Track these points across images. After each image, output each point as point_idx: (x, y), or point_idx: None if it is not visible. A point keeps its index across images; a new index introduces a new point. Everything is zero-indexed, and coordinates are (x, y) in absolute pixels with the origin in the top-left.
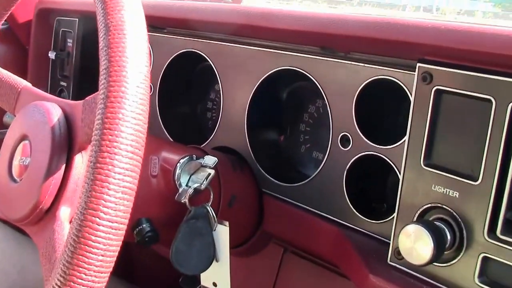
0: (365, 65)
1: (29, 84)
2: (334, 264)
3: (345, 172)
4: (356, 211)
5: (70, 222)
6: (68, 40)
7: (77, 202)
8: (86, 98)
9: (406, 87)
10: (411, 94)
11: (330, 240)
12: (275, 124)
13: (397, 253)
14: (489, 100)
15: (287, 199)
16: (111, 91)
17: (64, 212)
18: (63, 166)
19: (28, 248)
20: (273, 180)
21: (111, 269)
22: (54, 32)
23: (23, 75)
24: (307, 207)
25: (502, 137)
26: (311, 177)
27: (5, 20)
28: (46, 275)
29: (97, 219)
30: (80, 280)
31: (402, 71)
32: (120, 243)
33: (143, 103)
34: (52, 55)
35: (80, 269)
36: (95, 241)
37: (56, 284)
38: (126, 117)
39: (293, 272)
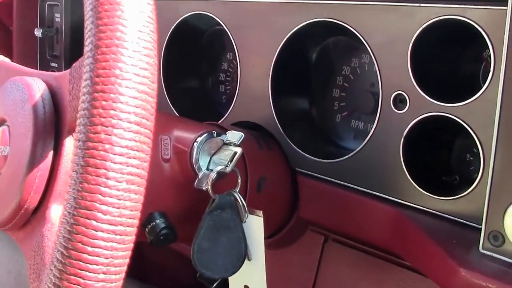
0: (422, 4)
1: (7, 60)
2: (391, 252)
3: (402, 139)
4: (419, 186)
5: None
6: (56, 14)
7: (65, 199)
8: (74, 64)
9: (482, 27)
10: (488, 36)
11: (386, 223)
12: (305, 91)
13: (494, 238)
14: None
15: (326, 177)
16: (101, 38)
17: (55, 212)
18: (51, 154)
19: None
20: (308, 156)
21: (123, 275)
22: (39, 7)
23: (9, 59)
24: (353, 186)
25: None
26: (357, 149)
27: None
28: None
29: (93, 221)
30: None
31: (476, 6)
32: (128, 253)
33: (149, 53)
34: (38, 33)
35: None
36: (93, 253)
37: None
38: (125, 74)
39: (337, 263)
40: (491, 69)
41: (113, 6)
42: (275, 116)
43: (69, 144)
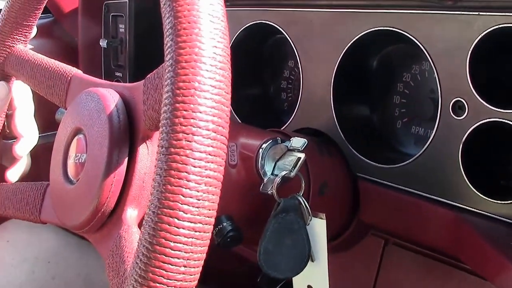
0: (481, 13)
1: (79, 72)
2: (450, 255)
3: (461, 145)
4: (477, 191)
5: (139, 225)
6: (120, 25)
7: (147, 201)
8: (148, 76)
9: None
10: None
11: (445, 227)
12: (366, 98)
13: None
14: None
15: (387, 182)
16: (181, 54)
17: (131, 215)
18: (126, 160)
19: (92, 255)
20: (369, 161)
21: (195, 283)
22: (103, 18)
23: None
24: (413, 190)
25: None
26: (417, 154)
27: (49, 12)
28: (114, 285)
29: (176, 219)
30: None
31: None
32: (206, 248)
33: (223, 67)
34: (103, 43)
35: (158, 285)
36: (175, 248)
37: None
38: (203, 86)
39: (397, 267)
40: None
41: (191, 24)
42: (336, 123)
43: (143, 151)
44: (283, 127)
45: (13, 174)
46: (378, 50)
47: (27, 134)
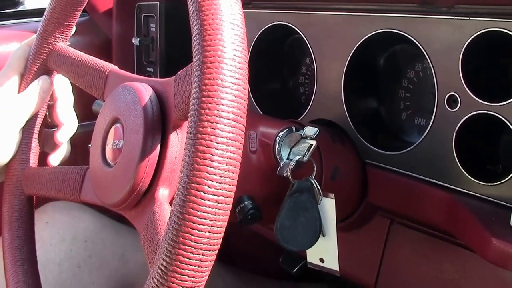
0: (471, 18)
1: (116, 67)
2: (447, 232)
3: (455, 134)
4: (468, 174)
5: (170, 203)
6: (151, 25)
7: (177, 182)
8: (178, 72)
9: None
10: None
11: (442, 207)
12: (374, 92)
13: None
14: None
15: (392, 167)
16: (206, 56)
17: (163, 193)
18: (158, 146)
19: (127, 236)
20: (376, 149)
21: (218, 247)
22: (136, 18)
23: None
24: (415, 175)
25: None
26: (417, 142)
27: (85, 11)
28: (150, 257)
29: (202, 193)
30: (187, 259)
31: None
32: (227, 217)
33: (242, 67)
34: (136, 41)
35: (187, 247)
36: (201, 216)
37: (161, 264)
38: (225, 83)
39: (401, 244)
40: None
41: (215, 31)
42: (347, 115)
43: (174, 138)
44: (300, 118)
45: (55, 159)
46: (385, 50)
47: (67, 123)
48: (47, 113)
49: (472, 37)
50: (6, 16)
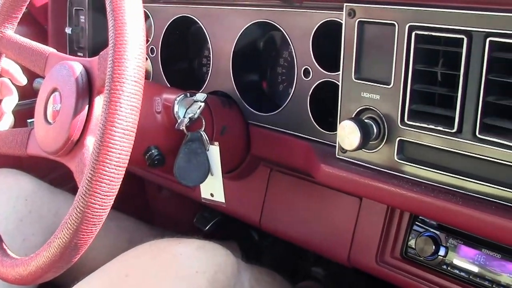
0: (317, 11)
1: (54, 50)
2: (309, 173)
3: (308, 97)
4: (318, 126)
5: None
6: (81, 17)
7: (98, 129)
8: (101, 53)
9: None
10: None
11: (301, 153)
12: (257, 68)
13: (341, 148)
14: (393, 24)
15: (267, 126)
16: (117, 40)
17: (90, 140)
18: (87, 107)
19: (60, 196)
20: (257, 112)
21: (126, 165)
22: (68, 11)
23: None
24: (283, 130)
25: (403, 51)
26: (283, 106)
27: None
28: (80, 180)
29: (114, 128)
30: (105, 172)
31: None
32: (131, 144)
33: (141, 46)
34: (68, 30)
35: (105, 163)
36: (114, 143)
37: (88, 177)
38: (129, 57)
39: (279, 186)
40: (342, 46)
41: (123, 24)
42: (235, 87)
43: (98, 101)
44: (201, 91)
45: (2, 125)
46: (262, 35)
47: (11, 95)
48: None
49: (318, 25)
50: None
